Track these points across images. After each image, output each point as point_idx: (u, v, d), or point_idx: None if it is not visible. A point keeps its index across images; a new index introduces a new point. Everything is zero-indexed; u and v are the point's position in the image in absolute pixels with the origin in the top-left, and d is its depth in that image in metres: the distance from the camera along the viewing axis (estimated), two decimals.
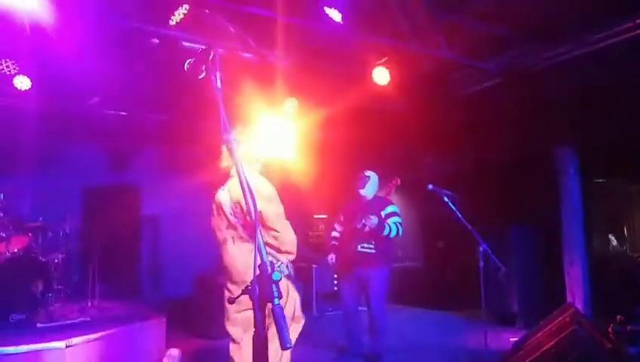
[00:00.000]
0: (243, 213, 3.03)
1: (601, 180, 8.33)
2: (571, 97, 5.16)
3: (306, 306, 4.62)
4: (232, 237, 3.14)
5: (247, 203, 1.40)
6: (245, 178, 1.39)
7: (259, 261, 1.30)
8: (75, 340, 3.82)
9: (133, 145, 7.29)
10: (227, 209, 3.13)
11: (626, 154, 6.49)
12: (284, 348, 1.21)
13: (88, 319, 4.36)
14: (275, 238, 3.12)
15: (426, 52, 4.80)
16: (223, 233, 3.17)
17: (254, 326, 1.29)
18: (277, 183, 3.50)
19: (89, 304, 5.05)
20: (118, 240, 6.58)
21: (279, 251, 3.21)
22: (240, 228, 3.09)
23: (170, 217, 7.20)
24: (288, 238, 3.21)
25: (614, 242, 9.10)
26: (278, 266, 3.23)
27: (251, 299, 1.29)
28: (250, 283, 1.34)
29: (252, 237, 3.10)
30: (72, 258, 5.83)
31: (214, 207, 3.23)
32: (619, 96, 4.89)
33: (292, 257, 3.27)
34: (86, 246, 6.16)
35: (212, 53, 1.46)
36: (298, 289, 3.75)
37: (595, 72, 4.85)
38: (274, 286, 1.26)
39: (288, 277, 3.44)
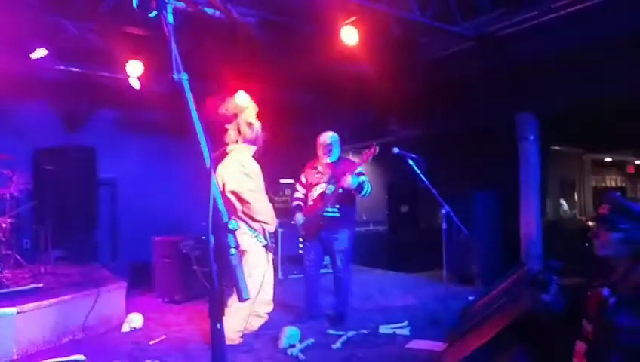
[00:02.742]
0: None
1: (557, 147, 8.65)
2: (535, 64, 5.21)
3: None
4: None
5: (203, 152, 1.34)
6: (198, 121, 1.33)
7: (214, 210, 1.23)
8: (27, 306, 3.66)
9: (88, 105, 6.89)
10: (220, 181, 3.86)
11: (582, 124, 6.72)
12: (241, 299, 1.17)
13: (41, 285, 4.16)
14: (248, 209, 3.81)
15: (396, 13, 4.69)
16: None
17: (210, 282, 1.22)
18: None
19: (42, 270, 4.82)
20: (74, 203, 6.27)
21: (253, 220, 3.84)
22: (224, 198, 3.79)
23: (129, 180, 6.92)
24: (259, 208, 3.84)
25: (565, 206, 9.58)
26: (256, 235, 3.89)
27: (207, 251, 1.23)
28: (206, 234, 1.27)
29: (227, 207, 3.73)
30: (22, 222, 5.52)
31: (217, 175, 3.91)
32: (578, 65, 4.98)
33: (270, 227, 3.73)
34: (38, 211, 5.85)
35: None
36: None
37: (560, 39, 4.89)
38: (230, 235, 1.20)
39: (267, 247, 3.71)
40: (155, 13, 1.36)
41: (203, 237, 4.67)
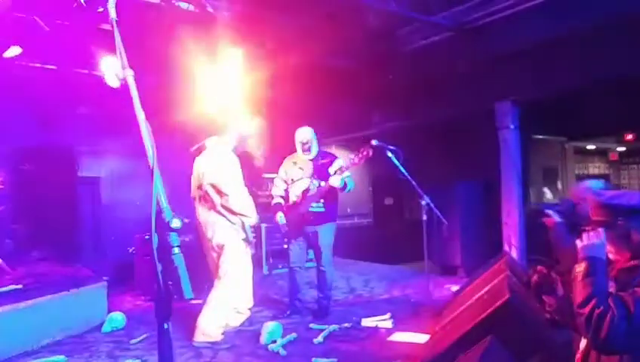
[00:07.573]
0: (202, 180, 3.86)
1: (539, 136, 8.70)
2: (513, 52, 5.22)
3: (256, 264, 4.61)
4: (199, 196, 3.93)
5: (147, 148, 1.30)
6: (144, 119, 1.30)
7: (157, 207, 1.22)
8: (5, 308, 3.62)
9: (66, 104, 6.78)
10: (198, 173, 3.91)
11: (563, 113, 6.76)
12: (183, 299, 1.17)
13: (20, 286, 4.12)
14: (227, 201, 3.78)
15: (372, 4, 4.66)
16: (194, 192, 3.98)
17: (155, 280, 1.21)
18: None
19: (22, 271, 4.77)
20: (54, 203, 6.20)
21: (233, 213, 3.83)
22: (203, 191, 3.87)
23: (111, 179, 6.85)
24: (238, 200, 3.82)
25: (548, 195, 9.65)
26: (236, 228, 3.89)
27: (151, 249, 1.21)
28: (149, 234, 1.25)
29: (206, 200, 3.83)
30: (1, 223, 5.45)
31: (194, 168, 3.99)
32: (555, 52, 5.00)
33: (250, 220, 3.85)
34: (17, 211, 5.77)
35: None
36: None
37: (537, 27, 4.90)
38: (172, 233, 1.19)
39: (246, 241, 3.70)
40: (102, 9, 1.34)
41: (146, 237, 4.41)
